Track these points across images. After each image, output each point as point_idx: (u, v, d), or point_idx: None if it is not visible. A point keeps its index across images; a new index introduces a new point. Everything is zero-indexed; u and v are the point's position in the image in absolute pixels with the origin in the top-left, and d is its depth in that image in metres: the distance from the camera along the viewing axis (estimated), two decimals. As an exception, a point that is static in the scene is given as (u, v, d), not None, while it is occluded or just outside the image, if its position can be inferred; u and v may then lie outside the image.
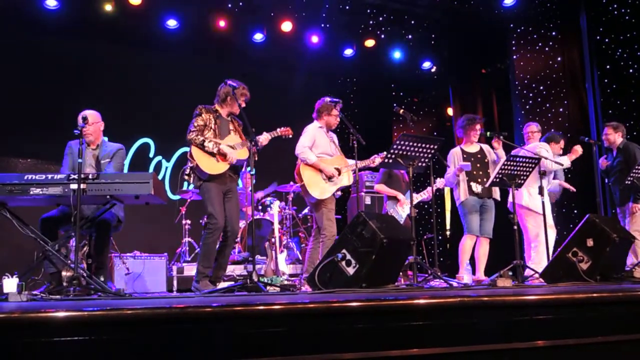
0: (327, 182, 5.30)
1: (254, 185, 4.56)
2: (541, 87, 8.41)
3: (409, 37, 9.37)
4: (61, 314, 2.01)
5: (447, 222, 9.65)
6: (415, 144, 4.84)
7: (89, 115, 4.53)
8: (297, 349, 2.24)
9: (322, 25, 8.88)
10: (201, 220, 6.61)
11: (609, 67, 7.90)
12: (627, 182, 6.00)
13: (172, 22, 8.37)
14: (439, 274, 4.85)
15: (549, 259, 5.28)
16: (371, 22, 9.00)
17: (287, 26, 8.71)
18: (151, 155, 8.93)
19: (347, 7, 8.61)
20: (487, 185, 5.61)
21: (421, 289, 4.33)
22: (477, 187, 5.77)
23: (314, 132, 5.42)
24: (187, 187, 7.63)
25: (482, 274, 5.77)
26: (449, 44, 9.49)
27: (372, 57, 9.63)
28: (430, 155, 4.97)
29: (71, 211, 3.99)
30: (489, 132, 5.91)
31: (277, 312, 2.25)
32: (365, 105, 10.21)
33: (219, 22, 8.50)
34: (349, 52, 9.52)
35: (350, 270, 3.97)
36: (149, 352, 2.09)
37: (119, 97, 8.36)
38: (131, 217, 5.14)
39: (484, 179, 5.80)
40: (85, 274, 3.90)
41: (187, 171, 4.74)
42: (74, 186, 3.77)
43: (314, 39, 9.01)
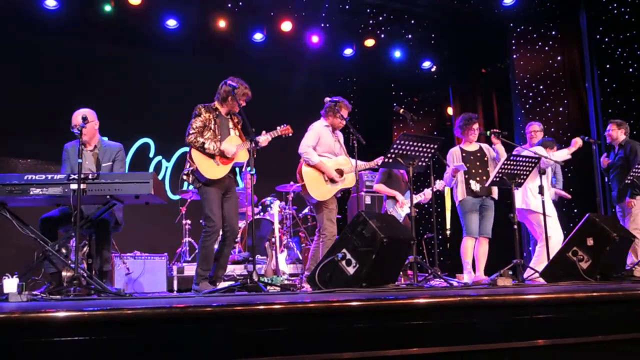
0: (329, 183, 5.24)
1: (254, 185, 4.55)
2: (541, 87, 8.41)
3: (409, 36, 9.37)
4: (61, 314, 2.01)
5: (447, 221, 9.65)
6: (415, 144, 4.83)
7: (87, 114, 4.47)
8: (298, 348, 2.24)
9: (322, 25, 8.89)
10: (201, 220, 6.60)
11: (608, 66, 7.90)
12: (627, 181, 6.02)
13: (172, 22, 8.38)
14: (439, 273, 4.85)
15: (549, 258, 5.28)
16: (371, 21, 9.00)
17: (287, 26, 8.71)
18: (151, 155, 8.93)
19: (347, 7, 8.62)
20: (487, 184, 5.59)
21: (421, 288, 4.32)
22: (476, 186, 5.76)
23: (319, 130, 5.33)
24: (187, 187, 7.62)
25: (482, 274, 5.76)
26: (449, 43, 9.50)
27: (372, 56, 9.63)
28: (430, 154, 4.96)
29: (71, 211, 3.99)
30: (489, 131, 5.90)
31: (278, 311, 2.25)
32: (365, 105, 10.20)
33: (219, 22, 8.50)
34: (349, 51, 9.52)
35: (350, 269, 3.97)
36: (149, 352, 2.08)
37: (119, 97, 8.36)
38: (131, 217, 5.13)
39: (483, 177, 5.79)
40: (85, 274, 3.90)
41: (186, 172, 4.68)
42: (74, 186, 3.77)
43: (314, 39, 9.01)
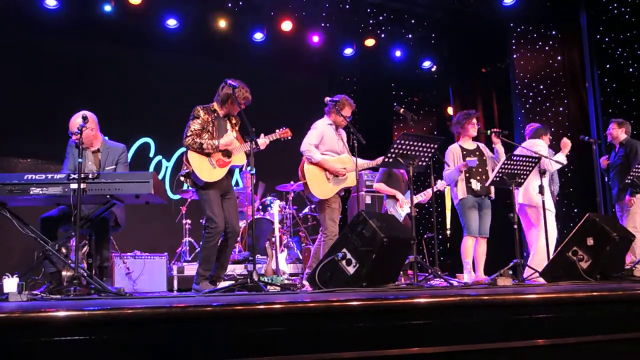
0: (331, 181, 5.21)
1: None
2: (541, 87, 8.41)
3: (409, 36, 9.37)
4: (61, 314, 2.01)
5: (447, 221, 9.65)
6: (415, 143, 4.83)
7: (89, 115, 4.42)
8: (298, 348, 2.24)
9: (322, 24, 8.89)
10: (201, 220, 6.60)
11: (609, 66, 7.90)
12: (627, 180, 6.02)
13: (172, 22, 8.38)
14: (439, 273, 4.85)
15: (549, 257, 5.28)
16: (371, 21, 9.00)
17: (287, 25, 8.71)
18: (151, 155, 8.92)
19: (347, 7, 8.62)
20: (488, 184, 5.60)
21: (421, 288, 4.32)
22: (477, 185, 5.75)
23: (322, 128, 5.30)
24: (186, 187, 7.61)
25: (481, 273, 5.76)
26: (449, 43, 9.50)
27: (372, 56, 9.63)
28: (430, 154, 4.96)
29: (71, 211, 3.99)
30: (489, 130, 5.89)
31: (278, 311, 2.25)
32: (365, 104, 10.12)
33: (219, 21, 8.50)
34: (349, 51, 9.52)
35: (350, 269, 3.97)
36: (149, 352, 2.08)
37: (119, 97, 8.36)
38: (131, 217, 5.12)
39: (482, 176, 5.78)
40: (85, 274, 3.90)
41: (183, 174, 4.63)
42: (74, 186, 3.76)
43: (314, 39, 9.01)
